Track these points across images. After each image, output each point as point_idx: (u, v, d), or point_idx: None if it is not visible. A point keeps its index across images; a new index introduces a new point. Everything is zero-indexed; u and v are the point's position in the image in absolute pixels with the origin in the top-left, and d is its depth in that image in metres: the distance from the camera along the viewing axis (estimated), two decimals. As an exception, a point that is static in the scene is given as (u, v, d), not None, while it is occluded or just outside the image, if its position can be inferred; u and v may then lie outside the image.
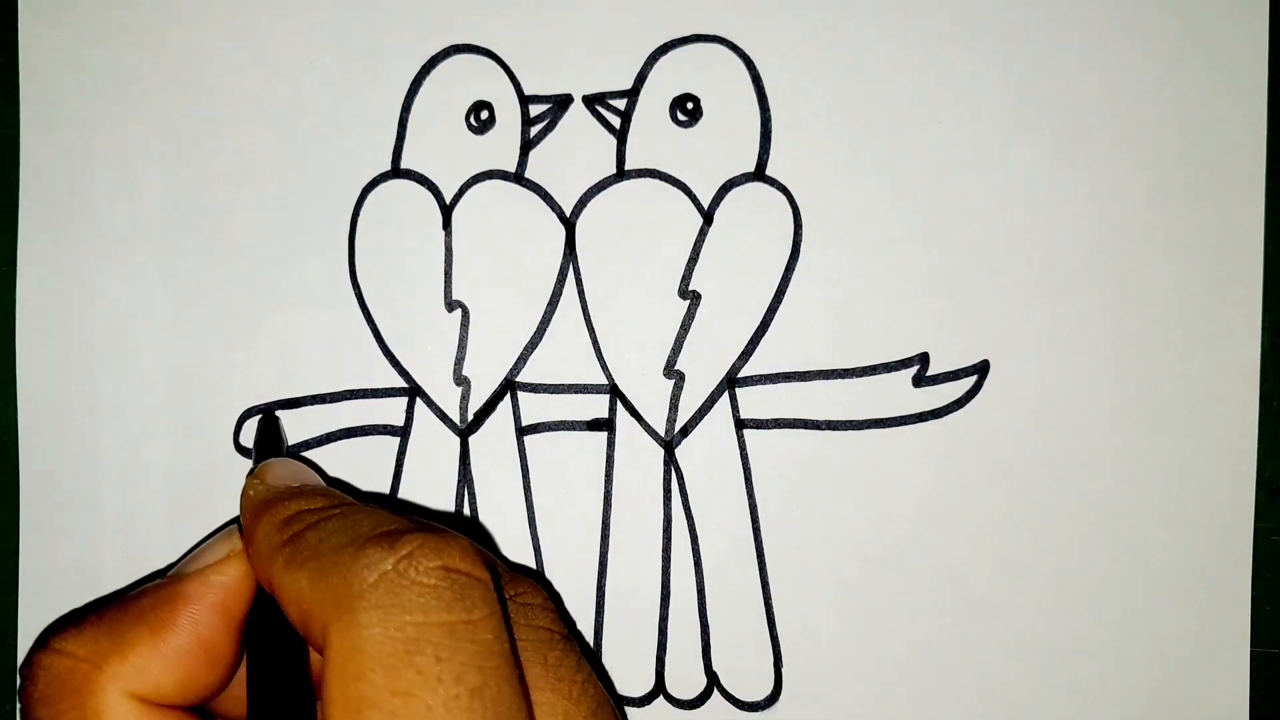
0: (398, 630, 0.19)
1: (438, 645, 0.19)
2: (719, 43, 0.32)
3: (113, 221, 0.34)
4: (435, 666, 0.19)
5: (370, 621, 0.19)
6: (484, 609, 0.20)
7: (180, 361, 0.34)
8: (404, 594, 0.19)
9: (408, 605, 0.19)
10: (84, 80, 0.34)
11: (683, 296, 0.33)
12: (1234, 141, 0.32)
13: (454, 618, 0.19)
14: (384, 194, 0.33)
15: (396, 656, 0.18)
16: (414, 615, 0.19)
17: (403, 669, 0.18)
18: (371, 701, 0.18)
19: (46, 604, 0.34)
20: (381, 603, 0.19)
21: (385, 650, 0.19)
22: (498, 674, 0.19)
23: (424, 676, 0.18)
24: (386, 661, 0.18)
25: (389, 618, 0.19)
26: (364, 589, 0.19)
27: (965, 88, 0.32)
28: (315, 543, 0.21)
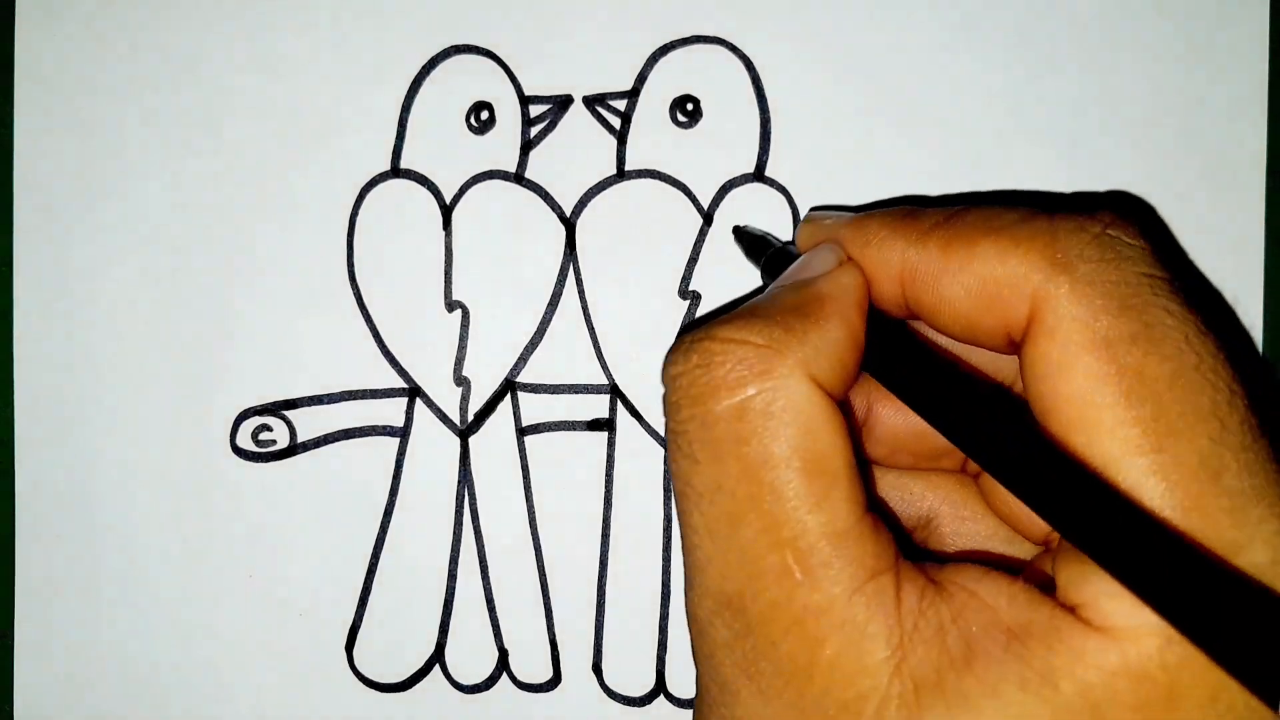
0: (1131, 276, 0.20)
1: (1162, 290, 0.20)
2: (719, 44, 0.32)
3: (110, 221, 0.34)
4: (1176, 305, 0.20)
5: (1101, 270, 0.20)
6: (1166, 270, 0.21)
7: (178, 362, 0.33)
8: (1122, 250, 0.21)
9: (1127, 258, 0.21)
10: (81, 79, 0.34)
11: (683, 296, 0.33)
12: (1234, 142, 0.32)
13: (1159, 272, 0.21)
14: (384, 194, 0.33)
15: (1140, 296, 0.20)
16: (1138, 267, 0.20)
17: (1151, 307, 0.20)
18: (1126, 334, 0.20)
19: (43, 604, 0.34)
20: (1105, 256, 0.20)
21: (1123, 293, 0.20)
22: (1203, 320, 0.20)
23: (1171, 313, 0.20)
24: (1128, 302, 0.20)
25: (1119, 268, 0.20)
26: (1083, 248, 0.21)
27: (965, 88, 0.32)
28: (980, 221, 0.22)
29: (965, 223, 0.22)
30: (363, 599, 0.33)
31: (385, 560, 0.33)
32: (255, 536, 0.33)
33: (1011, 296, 0.21)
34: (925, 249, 0.22)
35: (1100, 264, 0.20)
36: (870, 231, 0.24)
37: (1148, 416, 0.19)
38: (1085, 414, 0.19)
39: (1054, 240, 0.21)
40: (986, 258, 0.21)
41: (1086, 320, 0.20)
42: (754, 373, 0.21)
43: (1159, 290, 0.20)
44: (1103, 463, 0.19)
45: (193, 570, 0.34)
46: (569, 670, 0.33)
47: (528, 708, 0.33)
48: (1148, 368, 0.19)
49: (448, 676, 0.33)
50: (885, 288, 0.23)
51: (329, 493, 0.33)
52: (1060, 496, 0.19)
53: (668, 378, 0.22)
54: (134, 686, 0.34)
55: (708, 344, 0.21)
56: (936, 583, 0.20)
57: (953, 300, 0.22)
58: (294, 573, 0.33)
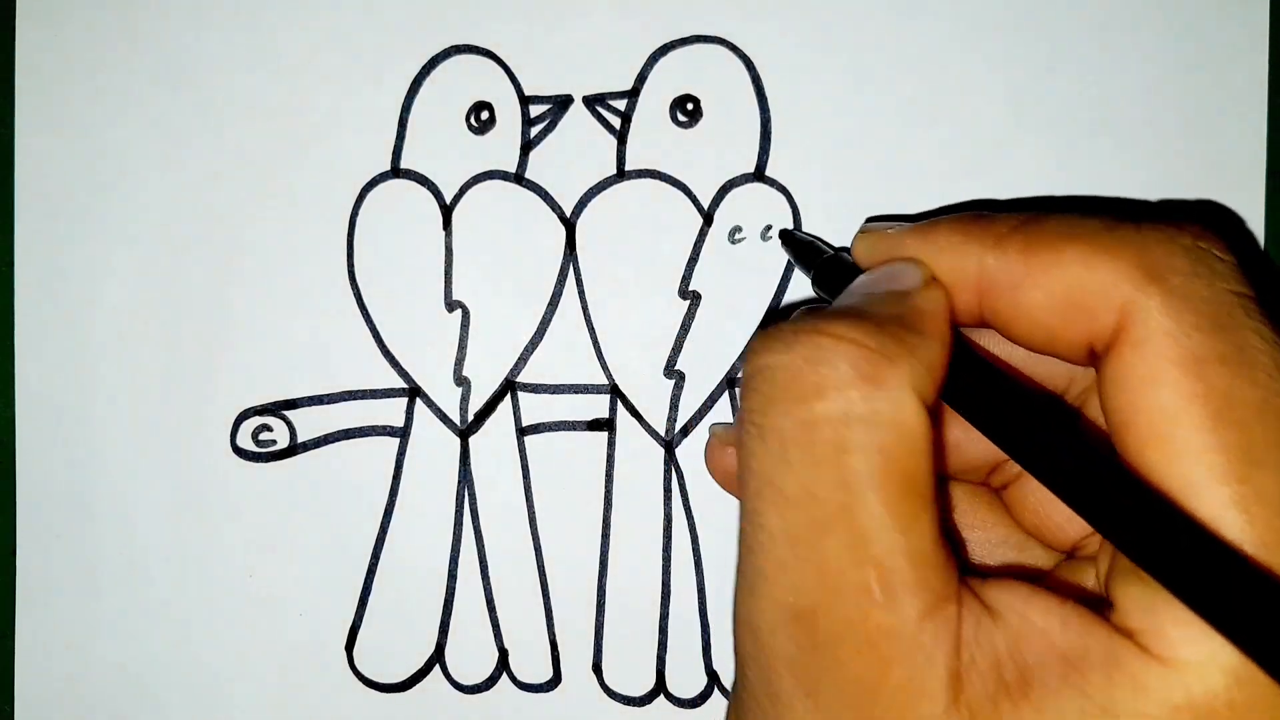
0: (1222, 294, 0.20)
1: (1253, 312, 0.20)
2: (719, 43, 0.32)
3: (110, 221, 0.34)
4: (1266, 328, 0.20)
5: (1193, 285, 0.20)
6: (1252, 288, 0.20)
7: (179, 362, 0.33)
8: (1211, 264, 0.20)
9: (1219, 273, 0.20)
10: (81, 79, 0.34)
11: (683, 296, 0.33)
12: (1234, 141, 0.32)
13: (1248, 291, 0.20)
14: (384, 194, 0.33)
15: (1233, 316, 0.19)
16: (1229, 284, 0.20)
17: (1242, 328, 0.19)
18: (1217, 354, 0.19)
19: (45, 605, 0.34)
20: (1197, 270, 0.20)
21: (1215, 311, 0.19)
22: None
23: (1262, 336, 0.19)
24: (1220, 321, 0.19)
25: (1211, 284, 0.20)
26: (1174, 260, 0.20)
27: (965, 88, 0.32)
28: (1063, 227, 0.21)
29: (1047, 228, 0.21)
30: (363, 599, 0.33)
31: (385, 560, 0.33)
32: (255, 536, 0.33)
33: (1098, 306, 0.20)
34: (1004, 255, 0.21)
35: (1192, 278, 0.20)
36: (940, 239, 0.23)
37: (1234, 444, 0.18)
38: (1168, 432, 0.19)
39: (1145, 250, 0.20)
40: (1073, 265, 0.20)
41: (1178, 335, 0.19)
42: (864, 377, 0.20)
43: (1250, 311, 0.19)
44: (1181, 486, 0.18)
45: (193, 570, 0.34)
46: (569, 670, 0.33)
47: (528, 708, 0.33)
48: (1237, 391, 0.19)
49: (448, 676, 0.33)
50: (960, 297, 0.22)
51: (329, 493, 0.33)
52: (1135, 521, 0.18)
53: (759, 366, 0.21)
54: (134, 687, 0.34)
55: (818, 338, 0.20)
56: (989, 607, 0.20)
57: (1033, 309, 0.21)
58: (294, 573, 0.33)
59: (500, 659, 0.33)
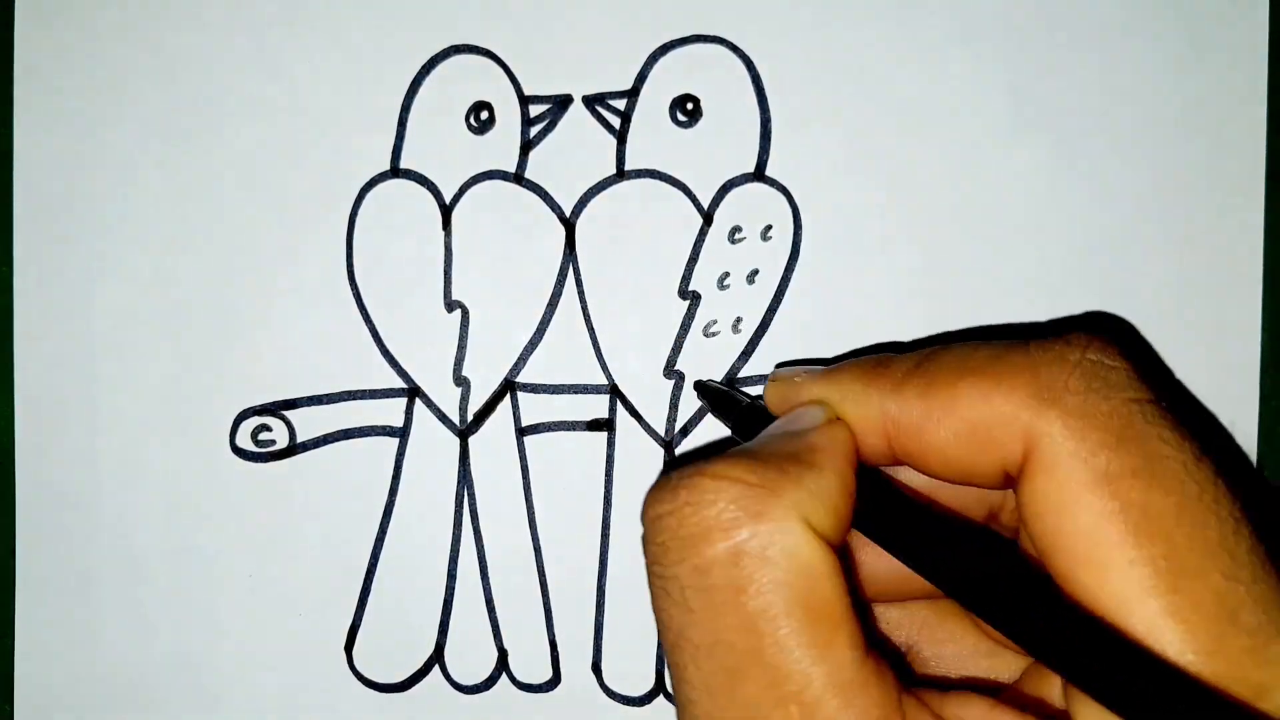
0: (1120, 404, 0.20)
1: (1154, 417, 0.20)
2: (719, 43, 0.32)
3: (110, 222, 0.34)
4: (1170, 432, 0.19)
5: (1090, 402, 0.20)
6: (1152, 390, 0.20)
7: (178, 362, 0.33)
8: (1105, 376, 0.20)
9: (1114, 384, 0.20)
10: (80, 79, 0.34)
11: (683, 296, 0.33)
12: (1234, 141, 0.32)
13: (1146, 395, 0.20)
14: (383, 194, 0.33)
15: (1134, 426, 0.19)
16: (1126, 393, 0.20)
17: (1147, 437, 0.19)
18: (1126, 468, 0.19)
19: (44, 606, 0.34)
20: (1091, 385, 0.20)
21: (1117, 424, 0.19)
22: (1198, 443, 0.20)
23: (1167, 441, 0.19)
24: (1123, 434, 0.19)
25: (1107, 396, 0.20)
26: (1067, 378, 0.20)
27: (965, 88, 0.32)
28: (955, 363, 0.21)
29: (939, 366, 0.22)
30: (362, 599, 0.33)
31: (385, 560, 0.33)
32: (255, 536, 0.33)
33: (1002, 437, 0.20)
34: (903, 399, 0.22)
35: (1087, 394, 0.20)
36: (844, 386, 0.23)
37: (1159, 555, 0.18)
38: (1093, 553, 0.19)
39: (1036, 373, 0.20)
40: (970, 400, 0.21)
41: (1084, 456, 0.19)
42: (748, 513, 0.20)
43: (1150, 418, 0.20)
44: (1115, 604, 0.18)
45: (192, 570, 0.33)
46: (568, 670, 0.33)
47: (527, 708, 0.33)
48: (1153, 503, 0.19)
49: (447, 677, 0.33)
50: (869, 440, 0.23)
51: (329, 493, 0.33)
52: (1080, 653, 0.18)
53: (651, 517, 0.21)
54: (133, 687, 0.34)
55: (698, 479, 0.20)
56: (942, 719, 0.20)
57: (940, 446, 0.21)
58: (294, 573, 0.33)
59: (500, 659, 0.33)
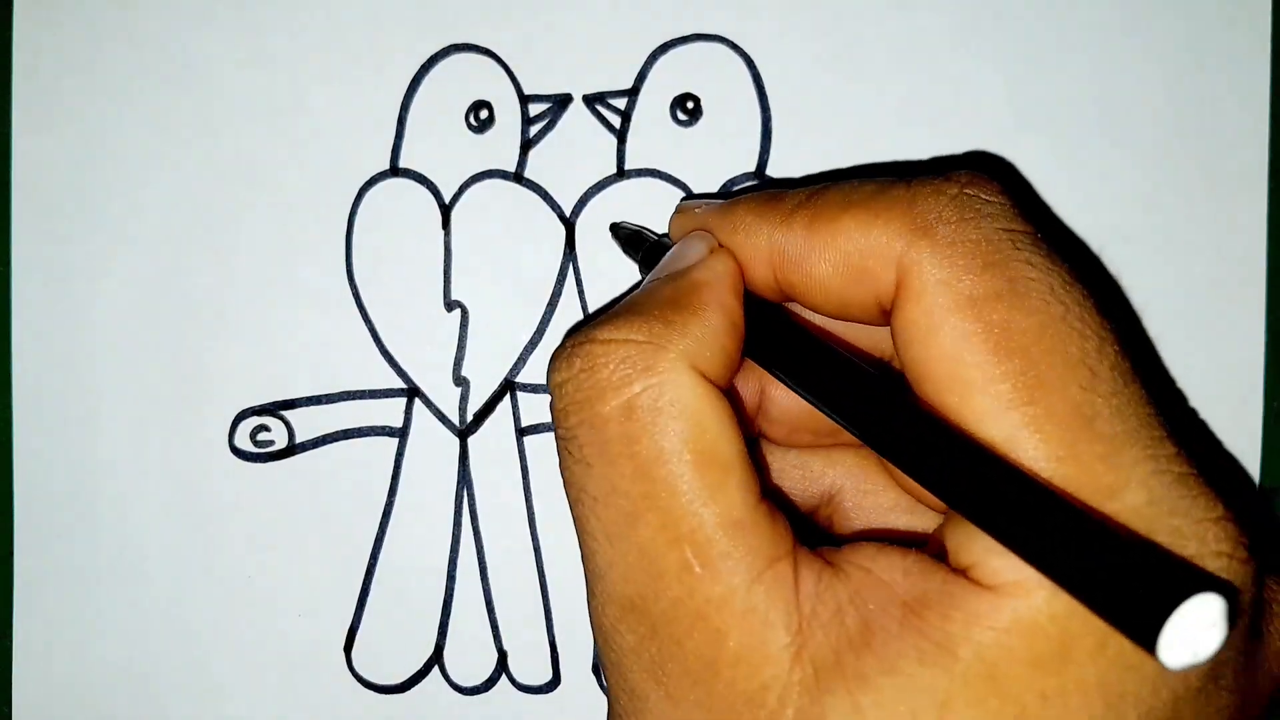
0: (992, 233, 0.20)
1: (1024, 244, 0.20)
2: (719, 42, 0.32)
3: (108, 220, 0.33)
4: (1039, 258, 0.20)
5: (961, 230, 0.20)
6: (1028, 223, 0.21)
7: (176, 362, 0.33)
8: (981, 208, 0.21)
9: (987, 215, 0.21)
10: (79, 79, 0.33)
11: (683, 296, 0.33)
12: (1236, 141, 0.32)
13: (1019, 227, 0.21)
14: (382, 193, 0.33)
15: (1002, 253, 0.20)
16: (998, 223, 0.21)
17: (1013, 262, 0.20)
18: (991, 291, 0.20)
19: (43, 605, 0.34)
20: (964, 216, 0.21)
21: (985, 250, 0.20)
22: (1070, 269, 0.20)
23: (1034, 266, 0.20)
24: (990, 260, 0.20)
25: (979, 225, 0.20)
26: (942, 210, 0.21)
27: (966, 86, 0.32)
28: (840, 197, 0.22)
29: (826, 200, 0.22)
30: (361, 600, 0.33)
31: (384, 561, 0.33)
32: (254, 537, 0.33)
33: (877, 267, 0.21)
34: (790, 230, 0.22)
35: (960, 224, 0.20)
36: (737, 217, 0.24)
37: (1017, 370, 0.19)
38: (956, 373, 0.20)
39: (912, 206, 0.21)
40: (849, 232, 0.21)
41: (950, 281, 0.20)
42: (638, 370, 0.21)
43: (1020, 244, 0.20)
44: (976, 420, 0.19)
45: (191, 571, 0.33)
46: (568, 672, 0.33)
47: (527, 709, 0.33)
48: (1014, 322, 0.19)
49: (447, 678, 0.33)
50: (758, 272, 0.23)
51: (328, 493, 0.33)
52: (931, 460, 0.19)
53: (552, 385, 0.22)
54: (132, 687, 0.34)
55: (589, 347, 0.21)
56: (833, 564, 0.20)
57: (822, 278, 0.22)
58: (293, 573, 0.33)
59: (499, 660, 0.33)
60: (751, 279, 0.24)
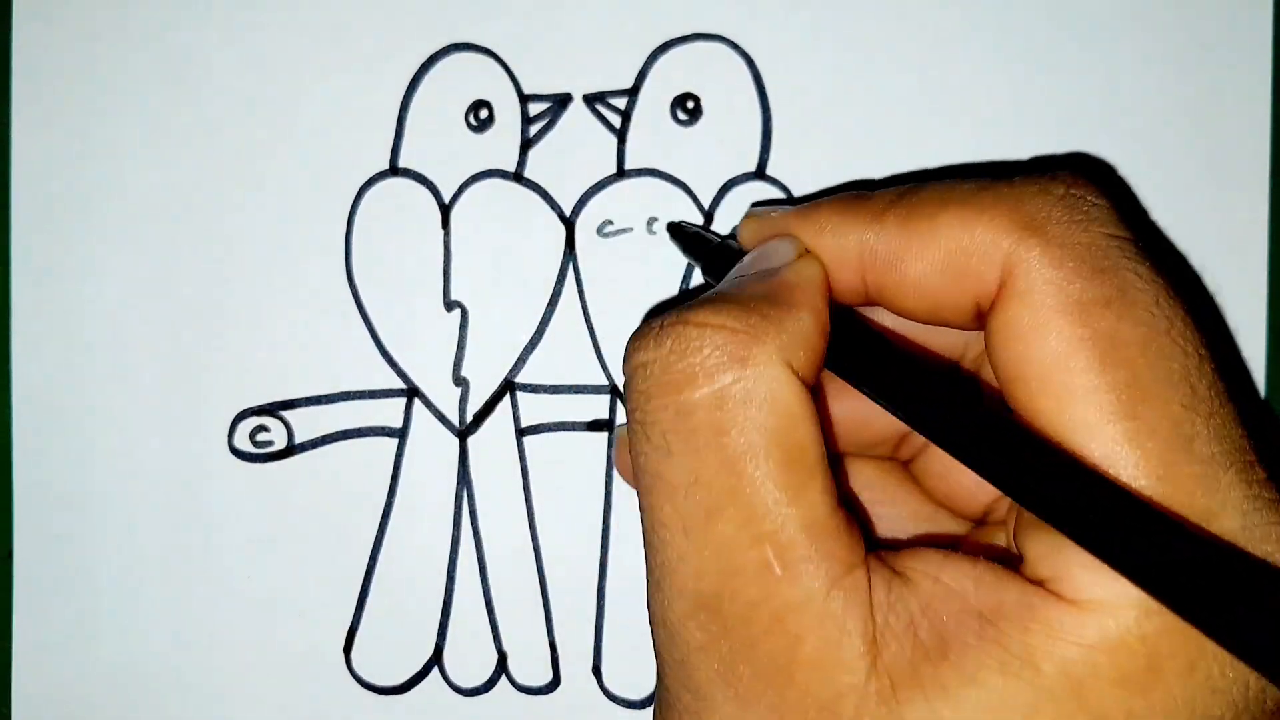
0: (1099, 238, 0.20)
1: (1130, 253, 0.20)
2: (720, 41, 0.32)
3: (108, 221, 0.33)
4: (1144, 267, 0.20)
5: (1070, 233, 0.20)
6: (1130, 230, 0.21)
7: (176, 362, 0.33)
8: (1086, 210, 0.20)
9: (1095, 219, 0.20)
10: (78, 78, 0.33)
11: (682, 296, 0.33)
12: (1237, 140, 0.31)
13: (1124, 233, 0.20)
14: (382, 193, 0.33)
15: (1111, 259, 0.20)
16: (1105, 228, 0.20)
17: (1121, 269, 0.20)
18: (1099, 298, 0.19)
19: (42, 605, 0.34)
20: (1073, 217, 0.20)
21: (1094, 255, 0.20)
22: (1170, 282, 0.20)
23: (1141, 276, 0.20)
24: (1100, 265, 0.20)
25: (1088, 229, 0.20)
26: (1050, 209, 0.20)
27: (966, 86, 0.32)
28: (937, 195, 0.21)
29: (922, 198, 0.22)
30: (361, 601, 0.33)
31: (383, 562, 0.33)
32: (253, 538, 0.33)
33: (981, 265, 0.20)
34: (884, 229, 0.22)
35: (1069, 225, 0.20)
36: (822, 220, 0.23)
37: (1122, 382, 0.19)
38: (1058, 378, 0.19)
39: (1020, 204, 0.20)
40: (951, 229, 0.21)
41: (1060, 283, 0.20)
42: (733, 359, 0.20)
43: (1127, 252, 0.20)
44: (1074, 429, 0.19)
45: (190, 572, 0.33)
46: (568, 673, 0.33)
47: (527, 710, 0.33)
48: (1121, 332, 0.19)
49: (446, 679, 0.33)
50: (843, 276, 0.23)
51: (327, 494, 0.33)
52: (1029, 473, 0.18)
53: (634, 365, 0.21)
54: (132, 688, 0.33)
55: (681, 328, 0.20)
56: (901, 573, 0.20)
57: (918, 278, 0.22)
58: (292, 574, 0.33)
59: (499, 661, 0.33)
60: (835, 284, 0.23)
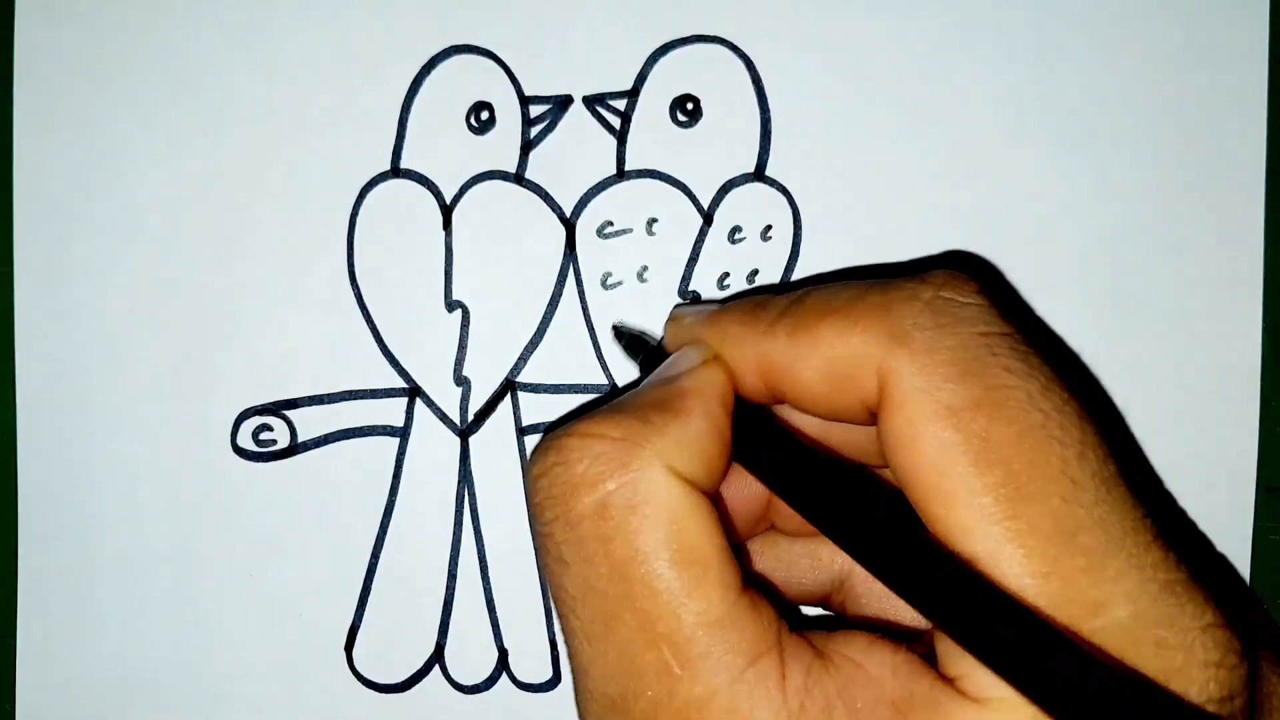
0: (968, 339, 0.20)
1: (1001, 349, 0.20)
2: (719, 43, 0.32)
3: (110, 221, 0.34)
4: (1017, 363, 0.20)
5: (937, 338, 0.20)
6: (1007, 324, 0.21)
7: (179, 362, 0.33)
8: (955, 311, 0.21)
9: (963, 319, 0.20)
10: (80, 79, 0.34)
11: (682, 297, 0.33)
12: (1234, 141, 0.32)
13: (997, 329, 0.21)
14: (384, 194, 0.33)
15: (979, 359, 0.20)
16: (975, 327, 0.20)
17: (990, 369, 0.20)
18: (969, 400, 0.19)
19: (45, 604, 0.34)
20: (939, 322, 0.20)
21: (962, 357, 0.20)
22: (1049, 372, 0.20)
23: (1012, 372, 0.20)
24: (968, 367, 0.20)
25: (955, 331, 0.20)
26: (917, 316, 0.20)
27: (965, 88, 0.32)
28: (818, 304, 0.22)
29: (806, 307, 0.22)
30: (362, 599, 0.33)
31: (385, 560, 0.33)
32: (255, 536, 0.33)
33: (859, 374, 0.21)
34: (774, 339, 0.22)
35: (936, 330, 0.20)
36: (724, 327, 0.24)
37: (998, 483, 0.19)
38: (939, 484, 0.19)
39: (889, 312, 0.21)
40: (829, 340, 0.21)
41: (929, 390, 0.20)
42: (612, 467, 0.21)
43: (997, 349, 0.20)
44: (960, 533, 0.19)
45: (193, 570, 0.34)
46: (569, 670, 0.33)
47: (528, 708, 0.33)
48: (993, 432, 0.19)
49: (447, 677, 0.33)
50: (748, 379, 0.23)
51: (329, 493, 0.33)
52: (911, 575, 0.19)
53: (529, 480, 0.22)
54: (134, 687, 0.34)
55: (564, 440, 0.21)
56: (823, 655, 0.20)
57: (808, 385, 0.22)
58: (294, 573, 0.33)
59: (500, 659, 0.33)
60: (743, 385, 0.24)
